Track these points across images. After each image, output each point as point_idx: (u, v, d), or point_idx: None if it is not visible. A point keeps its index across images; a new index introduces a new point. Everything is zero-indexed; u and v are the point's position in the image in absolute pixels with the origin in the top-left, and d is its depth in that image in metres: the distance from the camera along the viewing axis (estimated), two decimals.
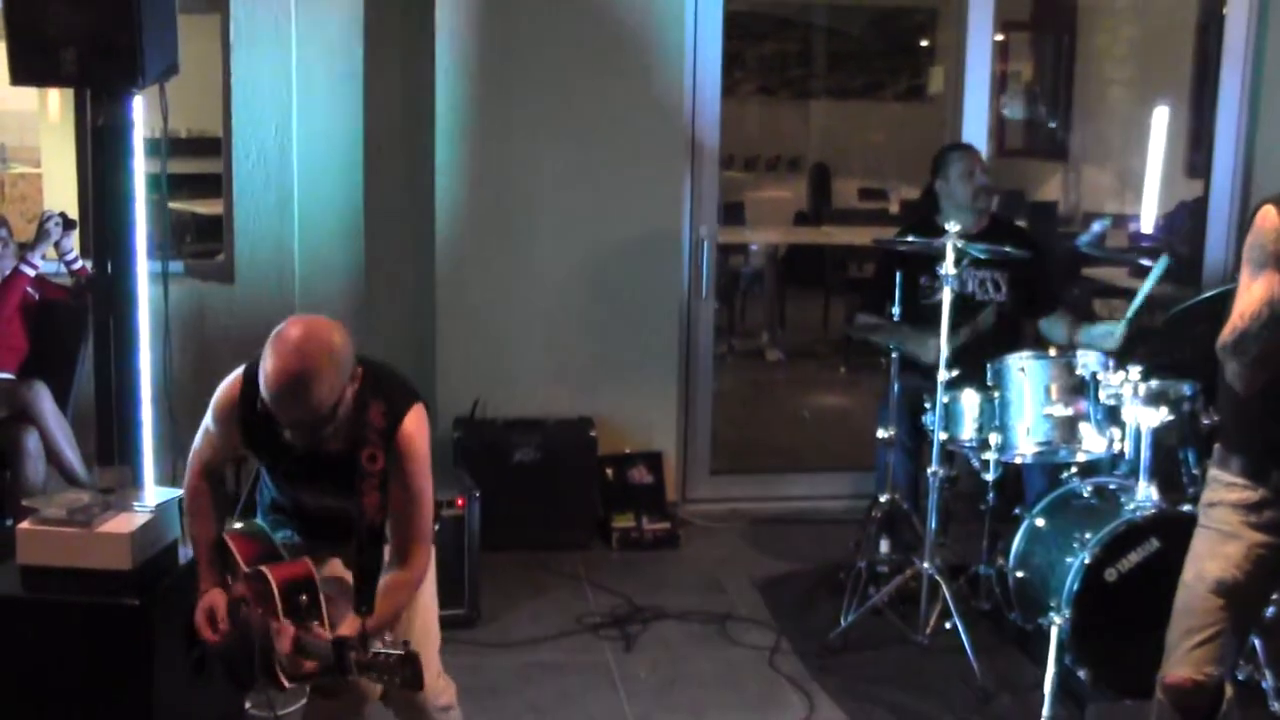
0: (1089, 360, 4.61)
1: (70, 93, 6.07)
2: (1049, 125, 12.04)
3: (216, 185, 6.27)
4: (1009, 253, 4.85)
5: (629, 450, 6.11)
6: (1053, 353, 4.71)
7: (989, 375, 4.71)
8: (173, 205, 5.44)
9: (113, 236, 3.87)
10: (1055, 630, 4.26)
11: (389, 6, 6.02)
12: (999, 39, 9.40)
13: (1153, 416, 4.33)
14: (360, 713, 3.34)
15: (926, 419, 4.84)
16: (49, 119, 7.55)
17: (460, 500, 4.85)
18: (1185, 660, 3.15)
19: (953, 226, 4.69)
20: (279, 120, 5.97)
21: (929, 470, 4.75)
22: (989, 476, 4.73)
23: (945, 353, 4.63)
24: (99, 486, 3.72)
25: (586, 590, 5.36)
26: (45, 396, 5.12)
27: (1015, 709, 4.35)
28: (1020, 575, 4.64)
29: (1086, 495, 4.64)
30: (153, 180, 3.97)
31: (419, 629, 3.36)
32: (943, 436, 4.70)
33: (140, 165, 3.86)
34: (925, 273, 5.18)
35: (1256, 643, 4.18)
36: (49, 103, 7.52)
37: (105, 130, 3.79)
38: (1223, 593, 3.12)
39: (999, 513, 4.86)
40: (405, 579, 3.17)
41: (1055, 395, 4.59)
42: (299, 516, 3.37)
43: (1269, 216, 2.96)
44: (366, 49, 6.01)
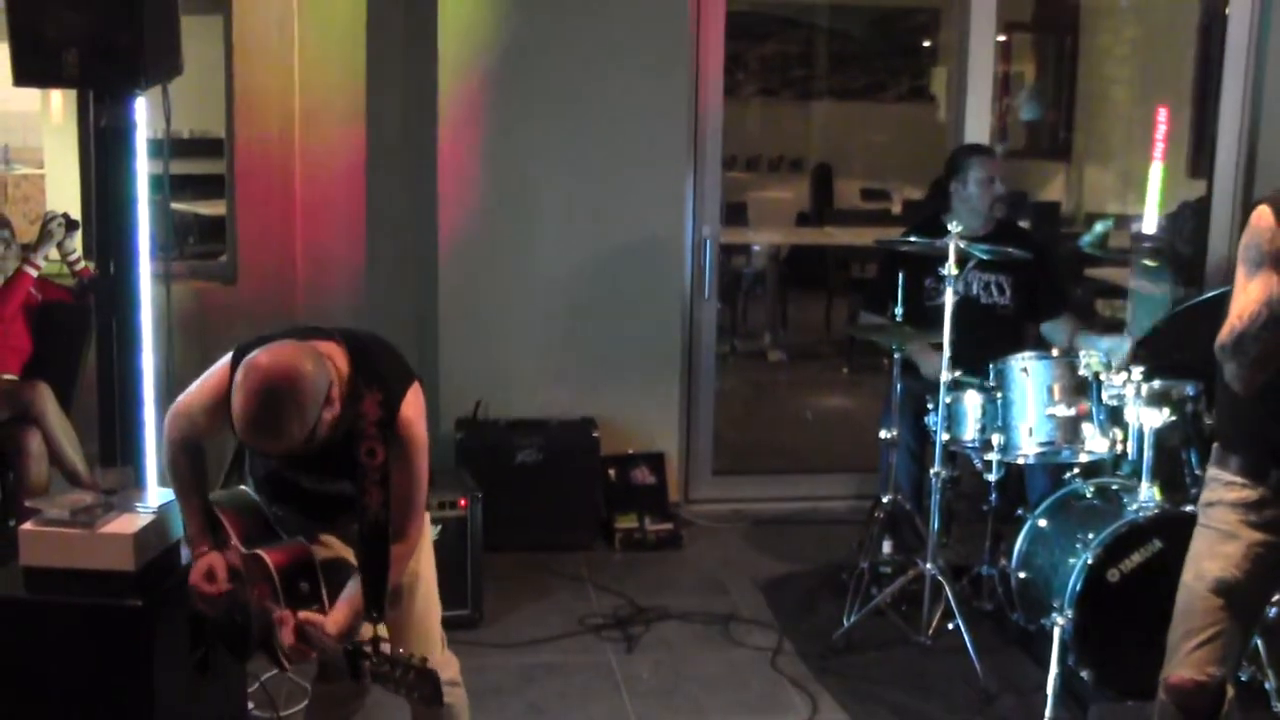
0: (1091, 361, 4.61)
1: (73, 94, 6.07)
2: (1051, 125, 12.04)
3: (219, 186, 6.28)
4: (1012, 254, 4.85)
5: (631, 451, 6.11)
6: (1055, 353, 4.71)
7: (991, 376, 4.71)
8: (175, 206, 5.45)
9: (115, 237, 3.86)
10: (1058, 631, 4.26)
11: (392, 7, 6.01)
12: (1001, 39, 9.40)
13: (1155, 417, 4.33)
14: (363, 696, 3.34)
15: (929, 419, 4.84)
16: (52, 120, 7.54)
17: (463, 501, 4.85)
18: (1187, 661, 3.15)
19: (955, 227, 4.69)
20: (281, 121, 5.98)
21: (932, 471, 4.75)
22: (991, 477, 4.73)
23: (947, 354, 4.63)
24: (102, 487, 3.71)
25: (589, 591, 5.36)
26: (48, 397, 5.12)
27: (1018, 710, 4.34)
28: (1023, 576, 4.64)
29: (1089, 496, 4.64)
30: (155, 181, 3.97)
31: (421, 598, 3.35)
32: (945, 437, 4.70)
33: (143, 166, 3.85)
34: (929, 274, 5.17)
35: (1259, 643, 4.17)
36: (51, 104, 7.52)
37: (108, 131, 3.79)
38: (1223, 592, 3.12)
39: (1001, 513, 4.86)
40: (401, 551, 3.13)
41: (1058, 396, 4.59)
42: (295, 496, 3.32)
43: (1264, 216, 2.96)
44: (369, 49, 6.02)
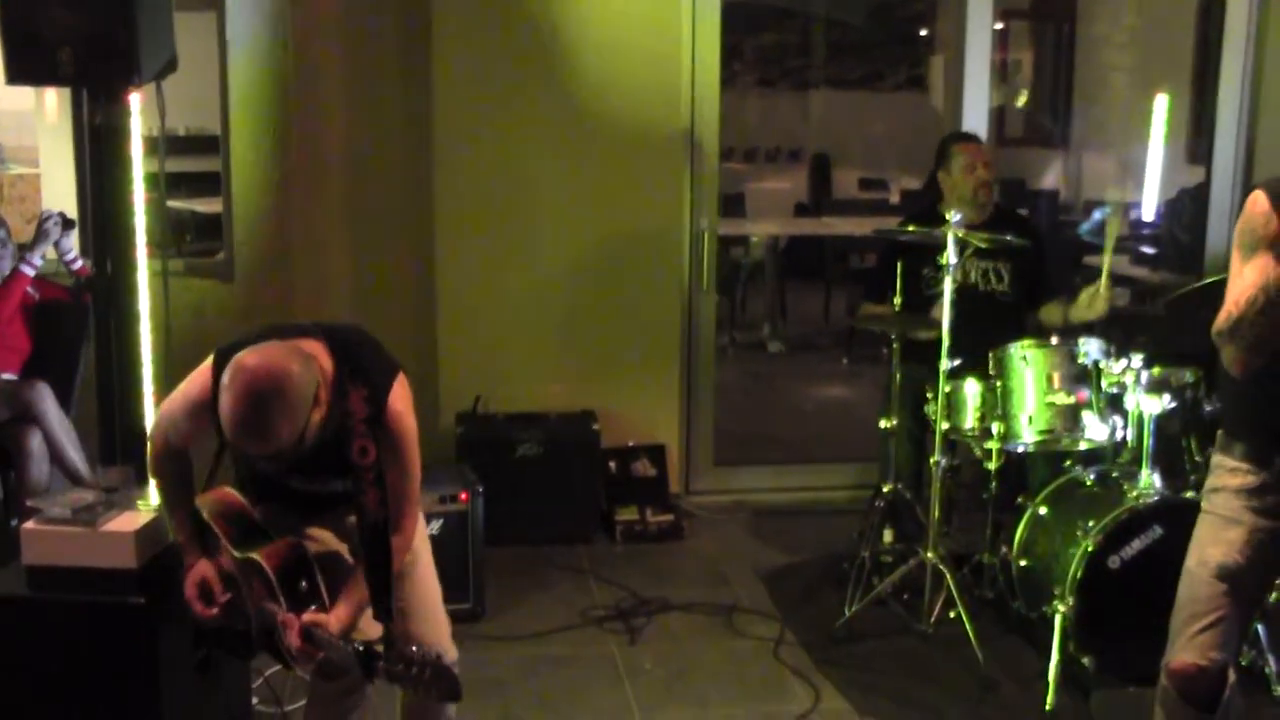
0: (1091, 348, 4.61)
1: (68, 92, 6.06)
2: (1049, 113, 12.04)
3: (215, 183, 6.28)
4: (1011, 242, 4.85)
5: (632, 443, 6.12)
6: (1054, 341, 4.71)
7: (991, 364, 4.71)
8: (171, 204, 5.44)
9: (112, 236, 3.86)
10: (1059, 618, 4.27)
11: (386, 1, 6.01)
12: (999, 27, 9.40)
13: (1155, 404, 4.34)
14: (363, 690, 3.33)
15: (929, 409, 4.84)
16: (46, 119, 7.53)
17: (464, 495, 4.86)
18: (1189, 646, 3.15)
19: (954, 216, 4.69)
20: (277, 117, 5.97)
21: (932, 460, 4.75)
22: (992, 465, 4.72)
23: (947, 343, 4.63)
24: (103, 486, 3.72)
25: (591, 583, 5.36)
26: (48, 397, 5.12)
27: (1019, 697, 4.35)
28: (1023, 564, 4.65)
29: (1089, 483, 4.64)
30: (151, 179, 3.97)
31: (420, 580, 3.37)
32: (945, 426, 4.70)
33: (138, 164, 3.85)
34: (927, 263, 5.17)
35: (1259, 628, 4.18)
36: (46, 102, 7.51)
37: (103, 129, 3.79)
38: (1226, 578, 3.12)
39: (1002, 502, 4.86)
40: (399, 543, 3.13)
41: (1057, 383, 4.60)
42: (283, 496, 3.30)
43: (1259, 202, 2.97)
44: (364, 42, 6.01)
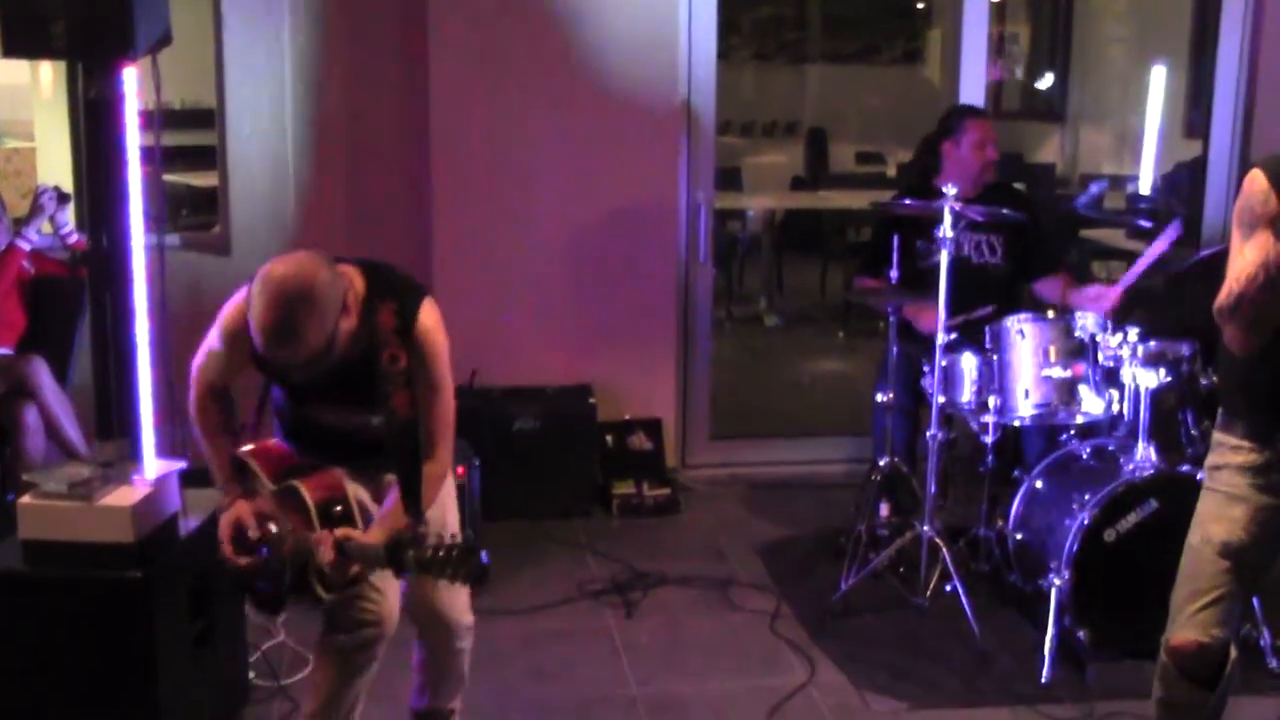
0: (1087, 322, 4.61)
1: (62, 65, 6.04)
2: (1046, 86, 12.02)
3: (211, 157, 6.26)
4: (1006, 215, 4.84)
5: (628, 417, 6.12)
6: (1051, 315, 4.71)
7: (987, 338, 4.71)
8: (167, 178, 5.43)
9: (107, 210, 3.85)
10: (1055, 591, 4.28)
11: None
12: (996, 0, 9.37)
13: (1151, 378, 4.33)
14: (373, 649, 3.33)
15: (925, 382, 4.84)
16: (41, 93, 7.52)
17: (460, 469, 4.85)
18: (1191, 623, 3.16)
19: (950, 190, 4.68)
20: (273, 91, 5.96)
21: (928, 433, 4.75)
22: (988, 439, 4.73)
23: (942, 317, 4.62)
24: (99, 460, 3.71)
25: (587, 557, 5.37)
26: (44, 371, 5.12)
27: (1015, 670, 4.36)
28: (1019, 537, 4.66)
29: (1085, 457, 4.65)
30: (146, 153, 3.95)
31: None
32: (941, 399, 4.71)
33: (134, 138, 3.84)
34: (922, 236, 5.18)
35: (1255, 601, 4.20)
36: (41, 76, 7.49)
37: (97, 103, 3.77)
38: (1229, 555, 3.13)
39: (998, 475, 4.87)
40: (433, 471, 3.20)
41: (1054, 357, 4.60)
42: (315, 438, 3.35)
43: (1257, 180, 2.97)
44: (361, 13, 5.99)
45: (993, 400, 4.65)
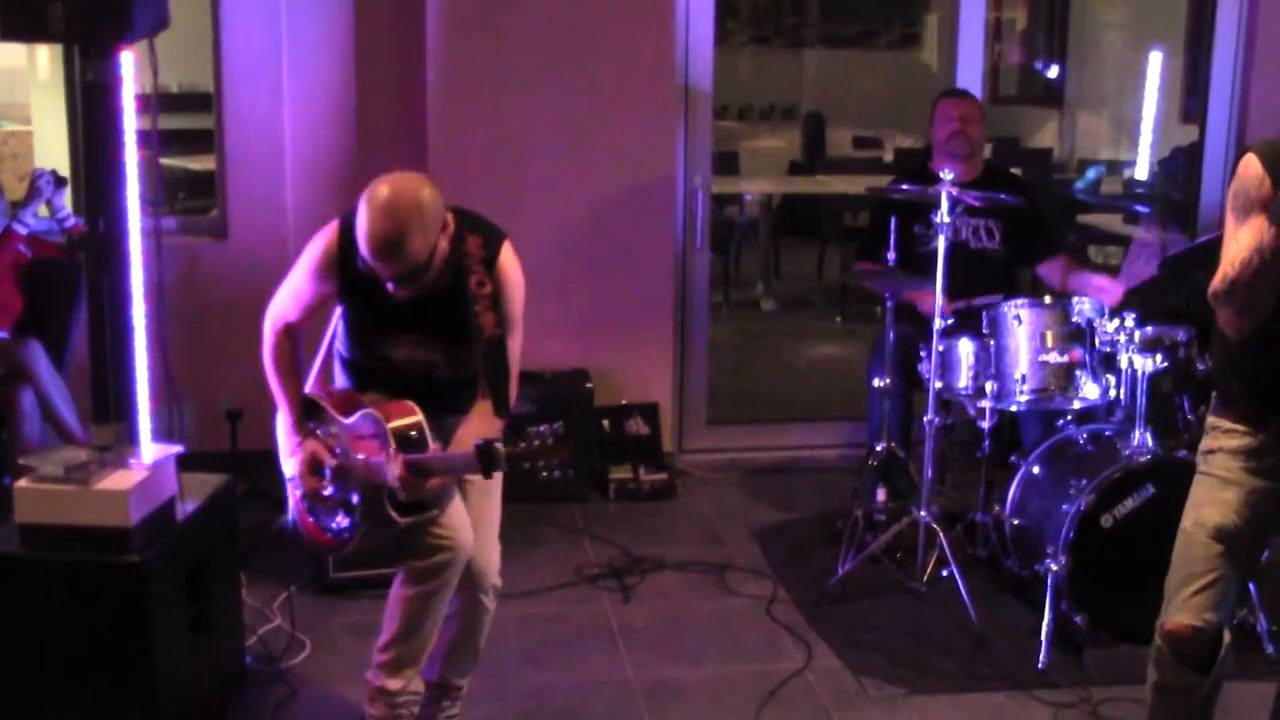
0: (1084, 307, 4.61)
1: (60, 49, 6.02)
2: (1043, 71, 12.00)
3: (208, 141, 6.25)
4: (1002, 200, 4.84)
5: (625, 402, 6.12)
6: (1048, 300, 4.70)
7: (984, 323, 4.71)
8: (164, 161, 5.42)
9: (104, 193, 3.84)
10: (1051, 576, 4.29)
11: None
12: None
13: (1148, 363, 4.33)
14: (446, 573, 3.48)
15: (921, 367, 4.84)
16: (39, 76, 7.51)
17: None
18: (1185, 607, 3.16)
19: (947, 174, 4.67)
20: (270, 74, 5.94)
21: (925, 418, 4.75)
22: (985, 424, 4.73)
23: (941, 301, 4.62)
24: (96, 444, 3.71)
25: (584, 542, 5.38)
26: (40, 355, 5.11)
27: (1012, 655, 4.37)
28: (1016, 522, 4.66)
29: (1082, 442, 4.65)
30: (143, 136, 3.94)
31: (492, 504, 3.70)
32: (938, 385, 4.71)
33: (131, 121, 3.83)
34: (919, 220, 5.18)
35: (1251, 586, 4.20)
36: (38, 59, 7.48)
37: (94, 86, 3.76)
38: (1222, 539, 3.13)
39: (995, 460, 4.87)
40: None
41: (1051, 342, 4.60)
42: (384, 377, 3.53)
43: (1251, 164, 2.96)
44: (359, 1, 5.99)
45: (990, 385, 4.65)
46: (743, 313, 9.94)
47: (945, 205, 4.58)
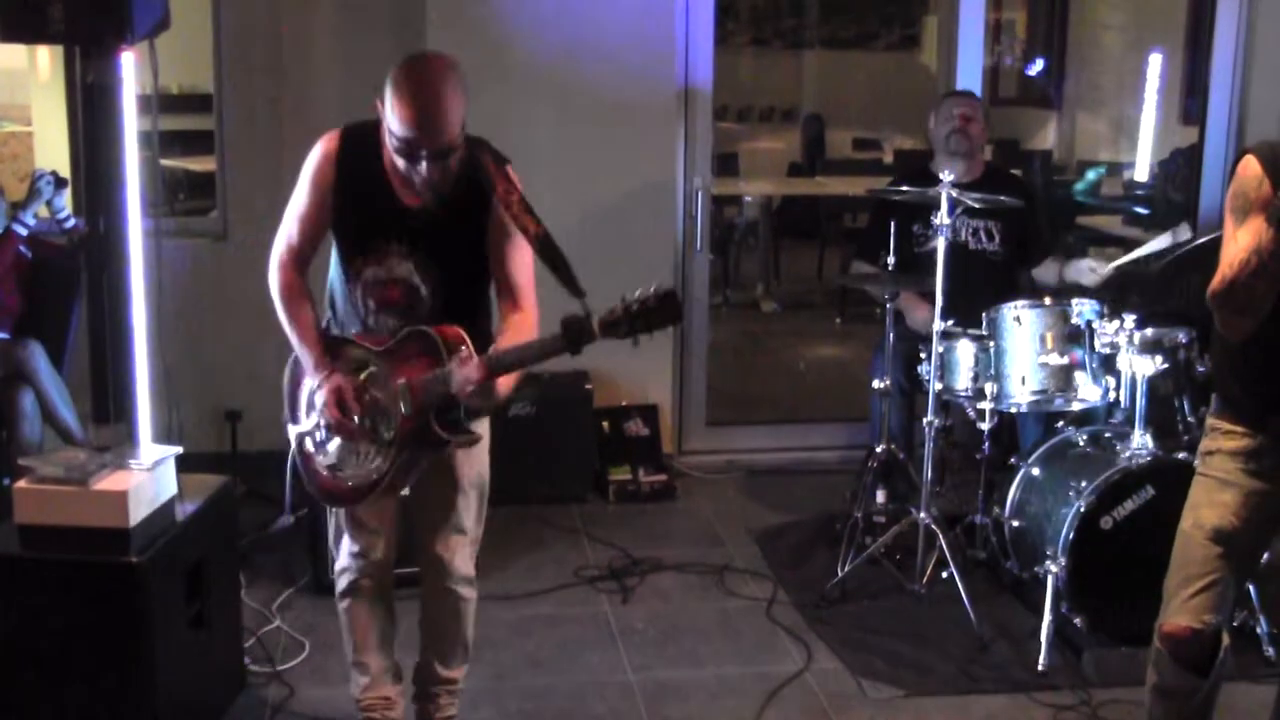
0: (1084, 309, 4.61)
1: (60, 50, 6.02)
2: (1043, 73, 12.00)
3: (208, 142, 6.25)
4: (1003, 201, 4.84)
5: (625, 403, 6.11)
6: (1048, 301, 4.70)
7: (984, 324, 4.71)
8: (164, 162, 5.42)
9: (104, 194, 3.84)
10: (1051, 578, 4.29)
11: None
12: None
13: (1148, 364, 4.33)
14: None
15: (922, 369, 4.84)
16: (39, 77, 7.49)
17: None
18: (1183, 609, 3.16)
19: (946, 175, 4.67)
20: (270, 76, 5.94)
21: (924, 420, 4.75)
22: (984, 426, 4.72)
23: (940, 302, 4.62)
24: (95, 444, 3.71)
25: (584, 543, 5.38)
26: (40, 356, 5.11)
27: (1012, 657, 4.36)
28: (1016, 524, 4.66)
29: (1082, 444, 4.65)
30: (144, 137, 3.95)
31: (478, 500, 3.59)
32: (938, 386, 4.70)
33: (131, 122, 3.83)
34: (919, 222, 5.18)
35: (1251, 588, 4.20)
36: (39, 60, 7.47)
37: (95, 87, 3.76)
38: (1220, 541, 3.13)
39: (994, 462, 4.87)
40: (527, 320, 3.38)
41: (1050, 344, 4.60)
42: (389, 304, 3.35)
43: (1250, 165, 2.96)
44: (357, 2, 5.98)
45: (989, 387, 4.64)
46: (743, 314, 9.94)
47: (945, 206, 4.58)
